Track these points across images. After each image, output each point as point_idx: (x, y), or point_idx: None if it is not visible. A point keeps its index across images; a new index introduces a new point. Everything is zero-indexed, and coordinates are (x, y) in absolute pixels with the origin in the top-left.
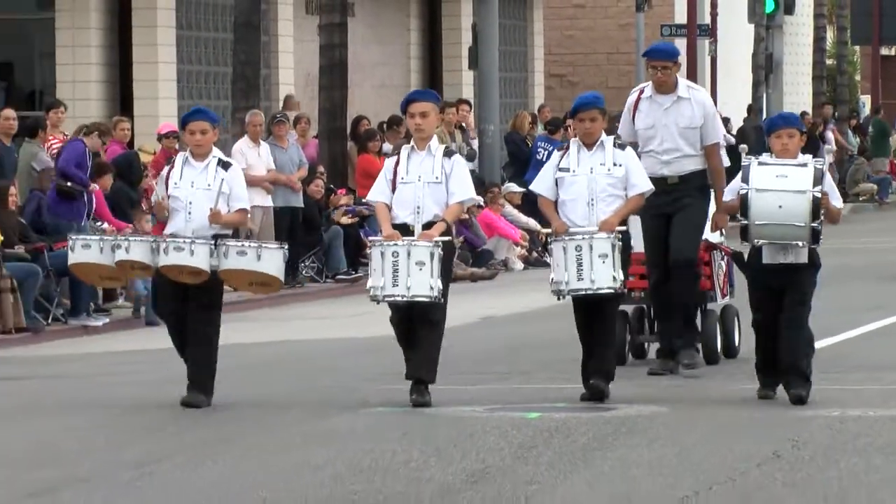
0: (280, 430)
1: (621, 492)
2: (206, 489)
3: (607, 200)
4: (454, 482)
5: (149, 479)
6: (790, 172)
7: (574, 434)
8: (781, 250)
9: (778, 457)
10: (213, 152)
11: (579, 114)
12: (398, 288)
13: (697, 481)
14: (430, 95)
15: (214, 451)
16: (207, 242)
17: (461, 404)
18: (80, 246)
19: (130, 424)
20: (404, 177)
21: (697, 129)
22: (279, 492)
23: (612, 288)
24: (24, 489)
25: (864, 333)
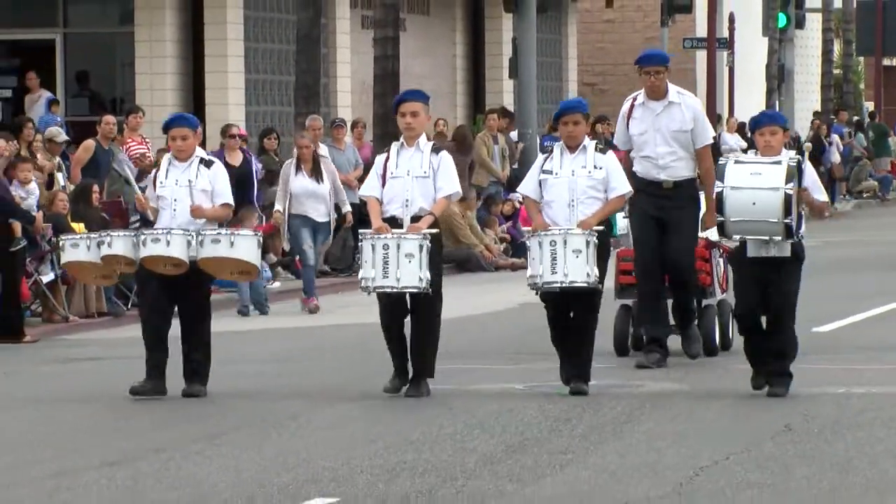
0: (340, 406)
1: (648, 461)
2: (272, 458)
3: (587, 202)
4: (495, 452)
5: (217, 450)
6: (764, 170)
7: (604, 409)
8: (765, 244)
9: (789, 430)
10: (196, 153)
11: (563, 117)
12: (388, 279)
13: (716, 452)
14: (420, 95)
15: (279, 425)
16: (185, 234)
17: (502, 382)
18: (69, 245)
19: (199, 401)
20: (394, 171)
21: (689, 133)
22: (337, 461)
23: (586, 282)
24: (103, 458)
25: (868, 318)
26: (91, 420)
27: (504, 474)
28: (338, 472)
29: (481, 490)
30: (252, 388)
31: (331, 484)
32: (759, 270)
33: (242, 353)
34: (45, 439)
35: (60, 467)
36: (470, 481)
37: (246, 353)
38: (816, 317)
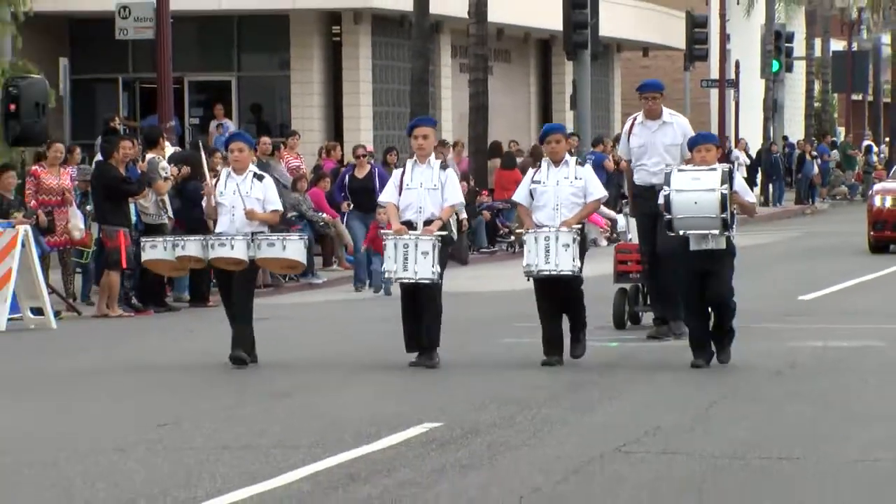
0: (444, 354)
1: (673, 397)
2: (385, 394)
3: (569, 206)
4: (559, 389)
5: (342, 390)
6: (702, 176)
7: (640, 358)
8: (704, 239)
9: (779, 374)
10: (250, 168)
11: (548, 137)
12: (407, 272)
13: (723, 391)
14: (429, 121)
15: (395, 369)
16: (245, 238)
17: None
18: (149, 247)
19: (332, 352)
20: (409, 184)
21: (678, 147)
22: (439, 396)
23: (572, 271)
24: (271, 390)
25: (842, 289)
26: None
27: (567, 406)
28: (439, 404)
29: (550, 417)
30: (369, 342)
31: (434, 412)
32: (699, 263)
33: (360, 316)
34: (219, 377)
35: (238, 401)
36: (542, 410)
37: (370, 317)
38: (801, 288)
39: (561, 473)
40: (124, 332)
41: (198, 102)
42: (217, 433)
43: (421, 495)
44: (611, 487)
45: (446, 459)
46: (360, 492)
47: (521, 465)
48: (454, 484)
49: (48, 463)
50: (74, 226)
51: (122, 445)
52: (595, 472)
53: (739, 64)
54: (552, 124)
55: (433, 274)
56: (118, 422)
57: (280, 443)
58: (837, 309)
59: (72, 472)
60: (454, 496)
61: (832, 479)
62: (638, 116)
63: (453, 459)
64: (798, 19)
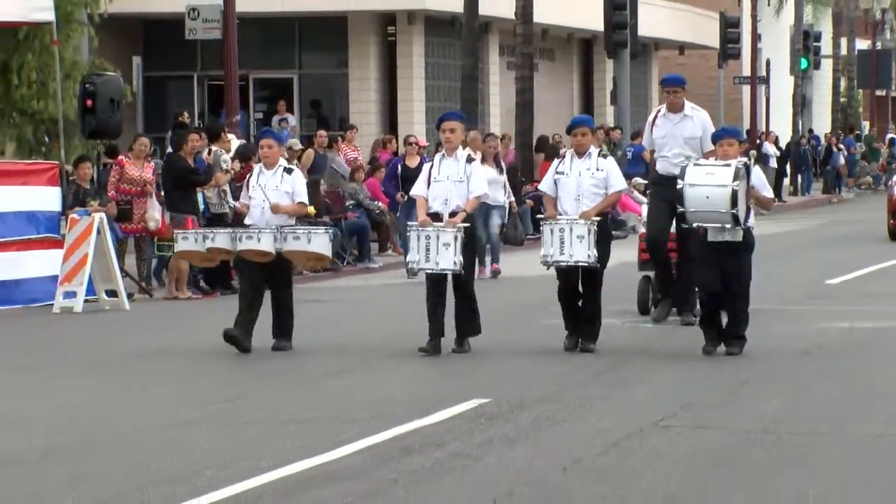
0: (493, 335)
1: (705, 376)
2: (437, 372)
3: (591, 197)
4: (600, 368)
5: (395, 367)
6: (716, 171)
7: (674, 340)
8: (721, 231)
9: (807, 354)
10: (280, 162)
11: (574, 130)
12: (429, 263)
13: (751, 370)
14: (457, 116)
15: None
16: (272, 231)
17: (606, 317)
18: (181, 238)
19: (390, 331)
20: (437, 176)
21: (698, 139)
22: (488, 375)
23: (587, 262)
24: (328, 369)
25: (867, 273)
26: (315, 341)
27: (606, 384)
28: (488, 382)
29: (591, 394)
30: (422, 325)
31: (483, 389)
32: (717, 254)
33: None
34: (279, 357)
35: (297, 378)
36: (583, 388)
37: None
38: (827, 273)
39: (601, 446)
40: (192, 314)
41: (262, 98)
42: (278, 408)
43: (470, 467)
44: (648, 460)
45: (494, 433)
46: (414, 463)
47: (564, 439)
48: (501, 456)
49: (119, 437)
50: (151, 216)
51: (189, 420)
52: (633, 445)
53: (770, 62)
54: (580, 116)
55: (454, 264)
56: (185, 398)
57: (337, 417)
58: (862, 292)
59: (141, 445)
60: (501, 467)
61: (856, 453)
62: (661, 109)
63: (500, 433)
64: (825, 20)
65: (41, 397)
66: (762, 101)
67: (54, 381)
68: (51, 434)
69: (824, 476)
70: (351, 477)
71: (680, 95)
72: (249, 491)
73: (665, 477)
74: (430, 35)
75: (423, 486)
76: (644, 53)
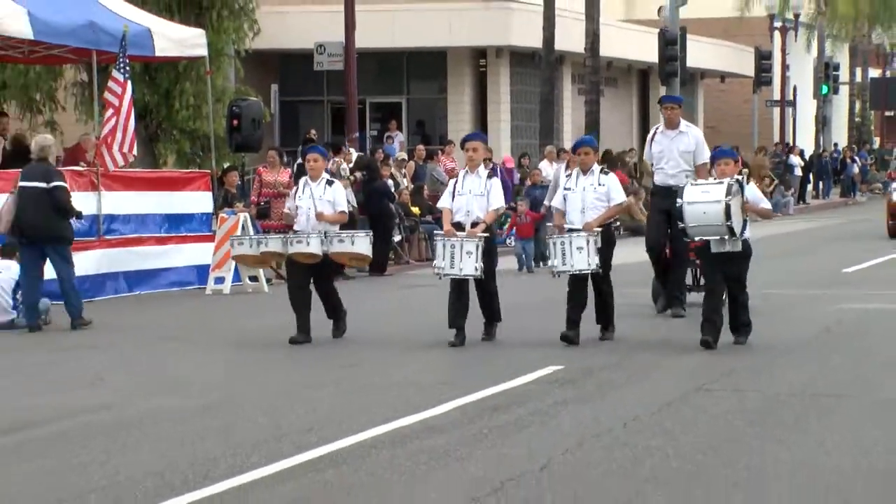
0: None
1: (745, 347)
2: (518, 344)
3: (594, 209)
4: (655, 341)
5: (470, 345)
6: (711, 189)
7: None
8: (721, 242)
9: (828, 330)
10: (323, 175)
11: (578, 149)
12: (454, 269)
13: (781, 343)
14: (480, 136)
15: (517, 329)
16: (319, 235)
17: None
18: (237, 244)
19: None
20: (460, 190)
21: (692, 153)
22: (551, 345)
23: (588, 269)
24: (429, 342)
25: (880, 263)
26: (400, 326)
27: (660, 353)
28: (562, 352)
29: (647, 362)
30: (508, 307)
31: (557, 358)
32: (719, 263)
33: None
34: (391, 331)
35: (405, 349)
36: (641, 356)
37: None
38: (844, 263)
39: (656, 406)
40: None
41: (376, 119)
42: (388, 374)
43: (547, 422)
44: (694, 417)
45: (566, 394)
46: (500, 419)
47: (625, 400)
48: (572, 413)
49: (260, 396)
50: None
51: (316, 383)
52: (682, 405)
53: (796, 88)
54: (584, 137)
55: (476, 270)
56: (311, 365)
57: (437, 381)
58: (876, 279)
59: (278, 403)
60: (572, 423)
61: (869, 413)
62: (660, 126)
63: (572, 394)
64: (843, 53)
65: (195, 364)
66: (789, 120)
67: (206, 351)
68: (204, 394)
69: (843, 431)
70: (449, 430)
71: (677, 112)
72: (367, 440)
73: (708, 431)
74: (515, 66)
75: (507, 438)
76: (691, 81)
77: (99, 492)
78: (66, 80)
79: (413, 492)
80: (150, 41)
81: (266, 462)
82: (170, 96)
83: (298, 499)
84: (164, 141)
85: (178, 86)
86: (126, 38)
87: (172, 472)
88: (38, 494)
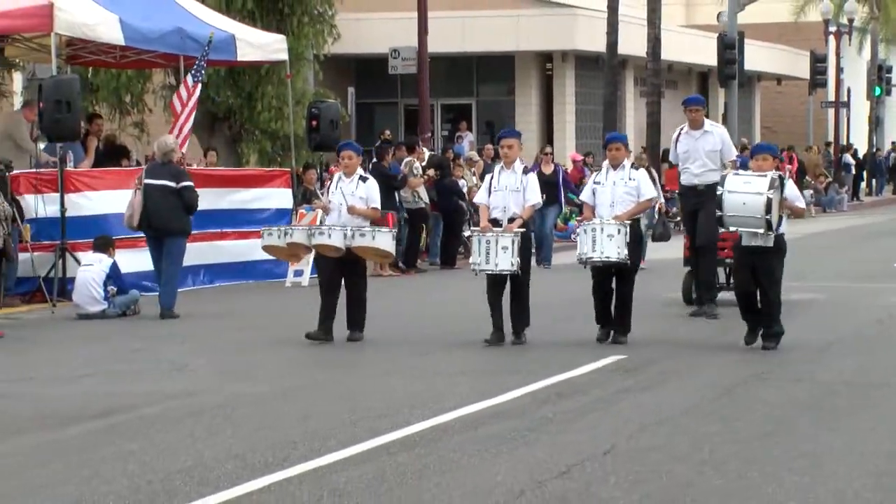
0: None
1: (801, 339)
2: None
3: (623, 204)
4: (712, 333)
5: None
6: (753, 180)
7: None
8: (754, 236)
9: (880, 322)
10: (357, 171)
11: (609, 145)
12: (489, 265)
13: (835, 335)
14: (514, 133)
15: (579, 319)
16: (342, 229)
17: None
18: (266, 234)
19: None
20: (496, 186)
21: (718, 152)
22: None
23: (617, 258)
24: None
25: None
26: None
27: (717, 345)
28: (624, 342)
29: (706, 353)
30: (567, 300)
31: (620, 348)
32: (750, 258)
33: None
34: (461, 320)
35: (474, 338)
36: (700, 348)
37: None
38: (895, 257)
39: (714, 394)
40: (392, 288)
41: (447, 120)
42: (458, 363)
43: (609, 409)
44: (750, 405)
45: (628, 383)
46: (565, 405)
47: (685, 388)
48: (634, 400)
49: (337, 382)
50: None
51: (389, 370)
52: (740, 393)
53: (850, 90)
54: (614, 133)
55: (512, 265)
56: (385, 353)
57: (504, 370)
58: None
59: (354, 389)
60: (634, 409)
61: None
62: (684, 127)
63: (633, 383)
64: (895, 55)
65: (274, 352)
66: (844, 121)
67: (284, 340)
68: (282, 381)
69: (895, 420)
70: (516, 416)
71: (700, 113)
72: (438, 425)
73: (764, 418)
74: (579, 70)
75: (572, 424)
76: (749, 84)
77: (184, 472)
78: (155, 83)
79: (481, 474)
80: (233, 46)
81: (342, 446)
82: (252, 99)
83: (374, 479)
84: (247, 141)
85: (261, 89)
86: (210, 44)
87: (253, 454)
88: (129, 475)
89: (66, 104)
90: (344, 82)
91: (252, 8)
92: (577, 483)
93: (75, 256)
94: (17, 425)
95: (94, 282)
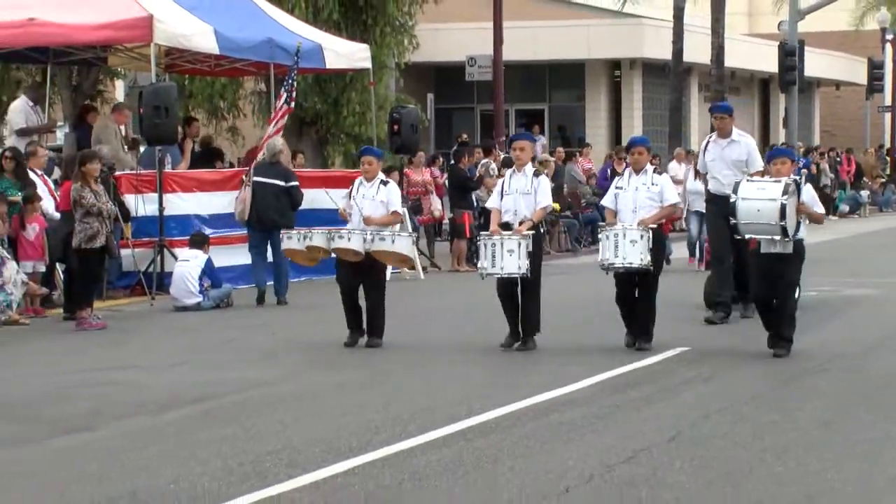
0: (691, 301)
1: (852, 335)
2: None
3: (646, 209)
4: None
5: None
6: (767, 186)
7: (823, 310)
8: (772, 243)
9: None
10: (379, 176)
11: (632, 149)
12: (495, 268)
13: (885, 331)
14: (527, 136)
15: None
16: (361, 233)
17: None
18: (286, 238)
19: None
20: (507, 189)
21: (743, 162)
22: (677, 329)
23: (640, 264)
24: (569, 324)
25: None
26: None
27: (749, 349)
28: (685, 335)
29: (765, 347)
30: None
31: (682, 341)
32: (768, 264)
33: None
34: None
35: None
36: (760, 341)
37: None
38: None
39: (774, 384)
40: (467, 282)
41: (521, 124)
42: (532, 352)
43: (674, 398)
44: (809, 395)
45: (690, 374)
46: (631, 394)
47: (746, 378)
48: (698, 390)
49: (413, 369)
50: (435, 207)
51: (466, 359)
52: (798, 384)
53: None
54: (636, 137)
55: (519, 269)
56: (461, 342)
57: (575, 360)
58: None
59: (430, 376)
60: (698, 398)
61: None
62: (712, 136)
63: (695, 373)
64: None
65: (359, 342)
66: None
67: None
68: (364, 369)
69: None
70: (586, 403)
71: (727, 121)
72: (512, 412)
73: (822, 407)
74: (647, 76)
75: (638, 412)
76: (808, 89)
77: (274, 455)
78: (247, 89)
79: (553, 459)
80: (320, 55)
81: (421, 431)
82: (338, 104)
83: (451, 463)
84: (333, 144)
85: (346, 95)
86: (298, 61)
87: (338, 439)
88: (223, 456)
89: (164, 110)
90: (423, 89)
91: (338, 19)
92: (645, 468)
93: (173, 252)
94: (119, 410)
95: (190, 276)
